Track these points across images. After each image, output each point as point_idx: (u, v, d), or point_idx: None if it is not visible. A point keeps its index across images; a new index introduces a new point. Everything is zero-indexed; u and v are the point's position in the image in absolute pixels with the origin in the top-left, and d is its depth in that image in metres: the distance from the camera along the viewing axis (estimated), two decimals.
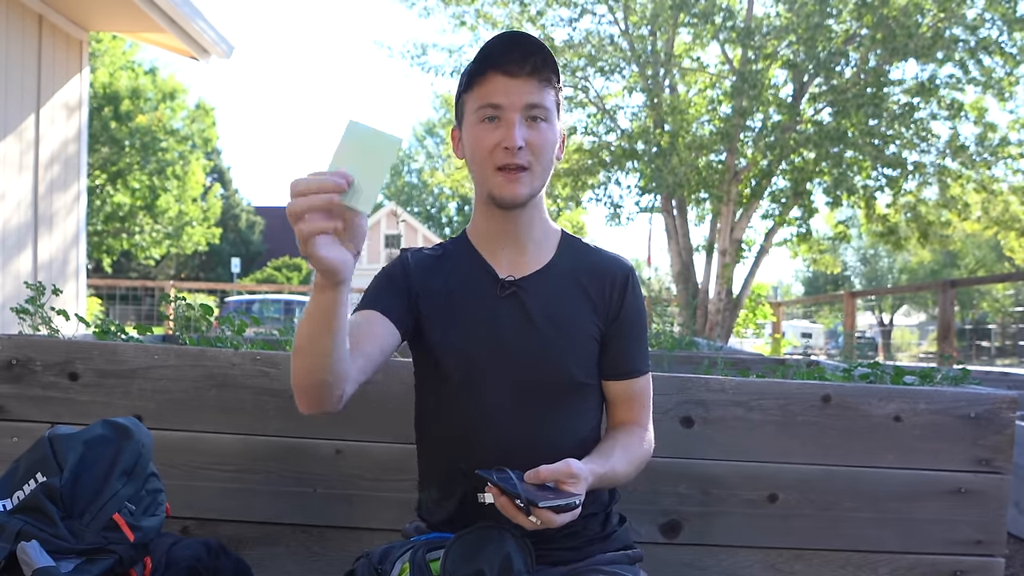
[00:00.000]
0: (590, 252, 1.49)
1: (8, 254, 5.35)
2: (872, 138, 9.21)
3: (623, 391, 1.45)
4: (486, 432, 1.38)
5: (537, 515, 1.10)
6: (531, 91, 1.34)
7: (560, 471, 1.16)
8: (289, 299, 16.36)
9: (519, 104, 1.33)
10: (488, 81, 1.34)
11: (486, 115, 1.34)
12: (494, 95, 1.33)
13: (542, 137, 1.35)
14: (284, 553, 1.84)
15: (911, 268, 32.33)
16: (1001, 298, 27.56)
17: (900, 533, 1.85)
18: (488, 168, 1.36)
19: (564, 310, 1.41)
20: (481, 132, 1.35)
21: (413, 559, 1.28)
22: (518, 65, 1.33)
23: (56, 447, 1.46)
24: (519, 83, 1.33)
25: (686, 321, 9.06)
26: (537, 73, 1.34)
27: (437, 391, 1.44)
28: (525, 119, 1.34)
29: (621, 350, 1.44)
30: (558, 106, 1.39)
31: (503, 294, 1.41)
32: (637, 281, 1.48)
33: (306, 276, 32.00)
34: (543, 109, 1.35)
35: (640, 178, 10.29)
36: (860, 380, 2.09)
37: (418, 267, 1.46)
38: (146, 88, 20.16)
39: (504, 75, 1.33)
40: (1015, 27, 8.75)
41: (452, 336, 1.40)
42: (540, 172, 1.37)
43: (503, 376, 1.38)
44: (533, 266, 1.44)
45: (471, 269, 1.45)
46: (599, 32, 10.18)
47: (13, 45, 5.32)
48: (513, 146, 1.32)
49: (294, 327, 3.94)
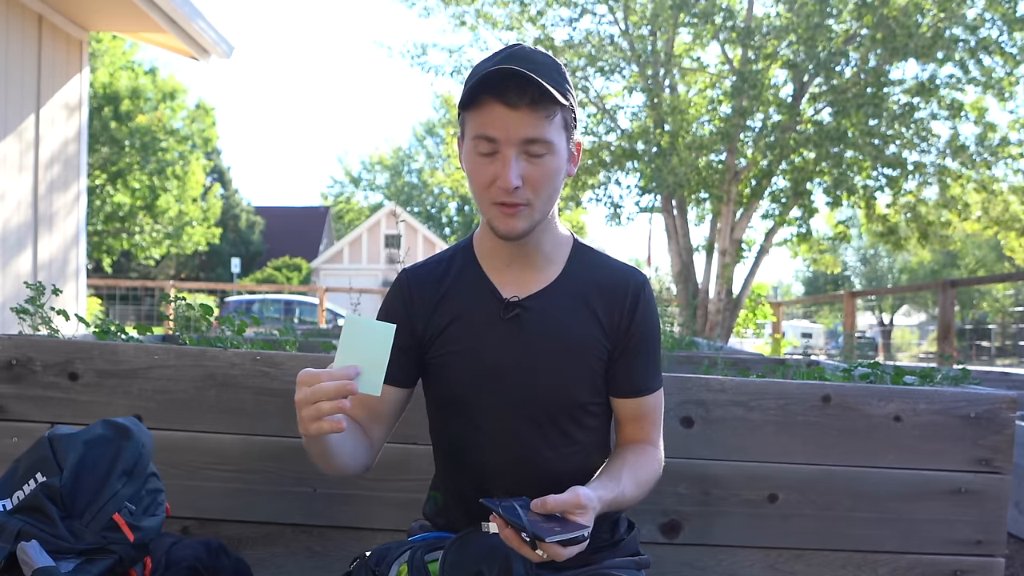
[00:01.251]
0: (601, 265, 1.41)
1: (8, 254, 5.35)
2: (872, 138, 9.21)
3: (633, 409, 1.40)
4: (488, 456, 1.36)
5: (544, 549, 1.07)
6: (530, 124, 1.22)
7: (568, 502, 1.12)
8: (289, 299, 16.37)
9: (516, 138, 1.23)
10: (484, 109, 1.23)
11: (482, 148, 1.25)
12: (489, 127, 1.23)
13: (542, 171, 1.26)
14: (284, 553, 1.84)
15: (911, 268, 32.33)
16: (1001, 298, 27.56)
17: (900, 533, 1.85)
18: (485, 201, 1.29)
19: (570, 331, 1.35)
20: (478, 164, 1.27)
21: (411, 560, 1.28)
22: (516, 95, 1.21)
23: (56, 447, 1.46)
24: (517, 116, 1.22)
25: (686, 321, 9.04)
26: (536, 104, 1.22)
27: (440, 412, 1.43)
28: (523, 154, 1.24)
29: (630, 368, 1.38)
30: (567, 125, 1.28)
31: (506, 316, 1.35)
32: (650, 295, 1.41)
33: (306, 276, 32.01)
34: (543, 143, 1.24)
35: (640, 178, 10.30)
36: (860, 380, 2.09)
37: (419, 296, 1.40)
38: (146, 88, 20.17)
39: (501, 104, 1.22)
40: (1015, 27, 8.76)
41: (453, 363, 1.37)
42: (541, 204, 1.29)
43: (504, 402, 1.35)
44: (540, 283, 1.38)
45: (475, 291, 1.39)
46: (599, 32, 10.19)
47: (13, 45, 5.32)
48: (508, 187, 1.24)
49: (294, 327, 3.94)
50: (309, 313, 14.71)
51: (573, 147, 1.33)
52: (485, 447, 1.37)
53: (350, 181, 43.94)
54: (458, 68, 10.59)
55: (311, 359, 1.84)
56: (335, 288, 14.10)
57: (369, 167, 43.52)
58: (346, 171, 44.01)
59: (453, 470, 1.43)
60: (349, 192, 44.21)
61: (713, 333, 9.60)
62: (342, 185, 44.23)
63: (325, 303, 13.24)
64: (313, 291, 17.81)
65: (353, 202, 43.75)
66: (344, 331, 1.14)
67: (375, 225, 34.44)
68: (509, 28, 10.34)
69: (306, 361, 1.84)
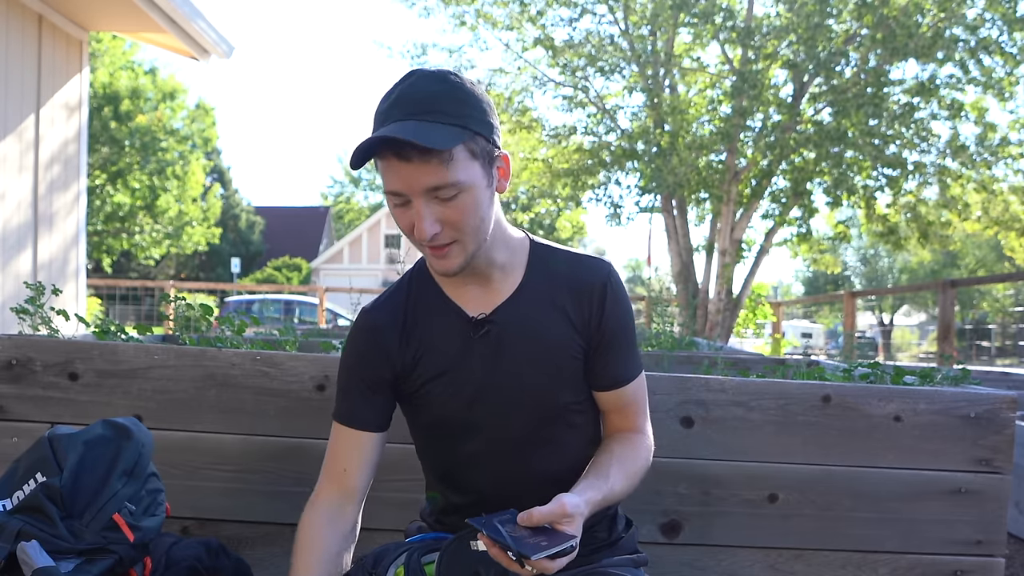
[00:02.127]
0: (562, 262, 1.37)
1: (8, 254, 5.35)
2: (872, 138, 9.21)
3: (615, 400, 1.39)
4: (481, 470, 1.36)
5: (532, 565, 1.07)
6: (428, 174, 1.15)
7: (554, 513, 1.11)
8: (289, 299, 16.35)
9: (419, 189, 1.17)
10: (384, 163, 1.18)
11: (394, 200, 1.21)
12: (392, 182, 1.19)
13: (458, 211, 1.19)
14: (284, 553, 1.83)
15: (911, 268, 32.33)
16: (1001, 298, 27.56)
17: (900, 533, 1.85)
18: (415, 243, 1.25)
19: (543, 335, 1.33)
20: (397, 213, 1.23)
21: (408, 562, 1.28)
22: (407, 148, 1.14)
23: (56, 447, 1.46)
24: (413, 168, 1.15)
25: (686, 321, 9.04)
26: (427, 156, 1.14)
27: (428, 437, 1.42)
28: (433, 200, 1.18)
29: (607, 360, 1.36)
30: (477, 152, 1.20)
31: (477, 335, 1.32)
32: (617, 283, 1.37)
33: (306, 276, 32.01)
34: (449, 187, 1.17)
35: (640, 178, 10.30)
36: (860, 380, 2.09)
37: (385, 332, 1.36)
38: (146, 88, 20.16)
39: (396, 158, 1.16)
40: (1015, 27, 8.76)
41: (434, 390, 1.34)
42: (470, 238, 1.23)
43: (491, 418, 1.33)
44: (504, 293, 1.34)
45: (440, 314, 1.35)
46: (599, 32, 10.18)
47: (13, 45, 5.32)
48: (425, 238, 1.20)
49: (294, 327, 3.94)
50: (309, 313, 14.70)
51: (496, 167, 1.25)
52: (476, 463, 1.36)
53: (350, 181, 43.96)
54: (458, 68, 10.59)
55: (311, 359, 1.84)
56: (335, 288, 14.10)
57: (369, 167, 43.41)
58: (346, 171, 44.01)
59: (445, 488, 1.43)
60: (349, 192, 44.24)
61: (713, 333, 9.60)
62: (342, 185, 44.27)
63: (325, 303, 13.24)
64: (313, 291, 17.80)
65: (353, 202, 43.77)
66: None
67: (375, 225, 34.44)
68: (509, 28, 10.34)
69: (306, 361, 1.84)
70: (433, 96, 1.18)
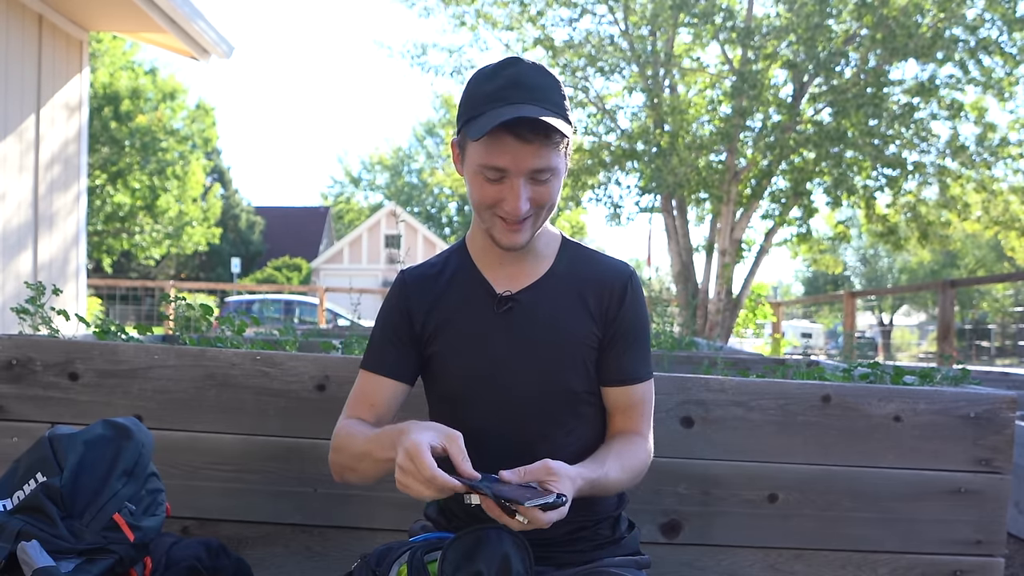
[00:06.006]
0: (589, 259, 1.46)
1: (8, 254, 5.35)
2: (872, 138, 9.21)
3: (621, 398, 1.43)
4: (485, 448, 1.36)
5: (524, 514, 1.10)
6: (539, 157, 1.27)
7: (538, 470, 1.19)
8: (289, 299, 16.35)
9: (525, 169, 1.27)
10: (496, 141, 1.26)
11: (489, 175, 1.29)
12: (499, 159, 1.27)
13: (546, 192, 1.32)
14: (284, 553, 1.84)
15: (911, 268, 32.32)
16: (1001, 298, 27.54)
17: (900, 533, 1.85)
18: (487, 214, 1.34)
19: (562, 322, 1.40)
20: (483, 186, 1.31)
21: (411, 561, 1.28)
22: (530, 131, 1.25)
23: (56, 447, 1.46)
24: (529, 150, 1.26)
25: (686, 321, 9.03)
26: (547, 140, 1.26)
27: (438, 405, 1.48)
28: (530, 180, 1.29)
29: (619, 356, 1.42)
30: (567, 145, 1.32)
31: (500, 310, 1.40)
32: (638, 286, 1.45)
33: (306, 276, 32.01)
34: (548, 171, 1.29)
35: (640, 178, 10.30)
36: (860, 380, 2.09)
37: (418, 295, 1.45)
38: (146, 88, 20.16)
39: (513, 137, 1.25)
40: (1015, 27, 8.76)
41: (450, 358, 1.42)
42: (545, 215, 1.36)
43: (501, 394, 1.39)
44: (532, 276, 1.43)
45: (469, 287, 1.44)
46: (599, 32, 10.18)
47: (13, 45, 5.32)
48: (518, 214, 1.29)
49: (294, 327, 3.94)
50: (309, 313, 14.70)
51: (568, 158, 1.37)
52: (485, 440, 1.37)
53: (350, 181, 43.96)
54: (458, 68, 10.59)
55: (311, 359, 1.84)
56: (335, 288, 14.09)
57: (369, 167, 43.53)
58: (346, 171, 44.03)
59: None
60: (349, 192, 44.22)
61: (713, 333, 9.60)
62: (342, 185, 44.25)
63: (325, 303, 13.25)
64: (313, 291, 17.80)
65: (353, 202, 43.75)
66: None
67: (375, 225, 34.44)
68: (509, 28, 10.34)
69: (306, 361, 1.84)
70: (546, 87, 1.29)
